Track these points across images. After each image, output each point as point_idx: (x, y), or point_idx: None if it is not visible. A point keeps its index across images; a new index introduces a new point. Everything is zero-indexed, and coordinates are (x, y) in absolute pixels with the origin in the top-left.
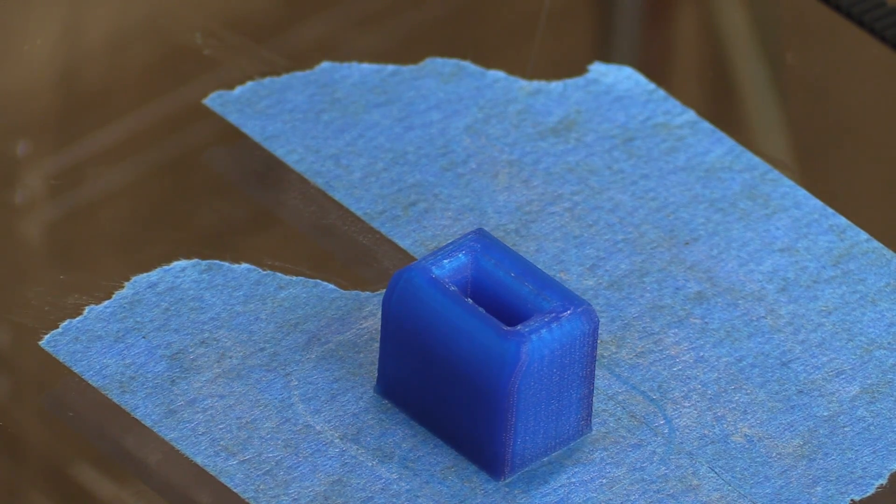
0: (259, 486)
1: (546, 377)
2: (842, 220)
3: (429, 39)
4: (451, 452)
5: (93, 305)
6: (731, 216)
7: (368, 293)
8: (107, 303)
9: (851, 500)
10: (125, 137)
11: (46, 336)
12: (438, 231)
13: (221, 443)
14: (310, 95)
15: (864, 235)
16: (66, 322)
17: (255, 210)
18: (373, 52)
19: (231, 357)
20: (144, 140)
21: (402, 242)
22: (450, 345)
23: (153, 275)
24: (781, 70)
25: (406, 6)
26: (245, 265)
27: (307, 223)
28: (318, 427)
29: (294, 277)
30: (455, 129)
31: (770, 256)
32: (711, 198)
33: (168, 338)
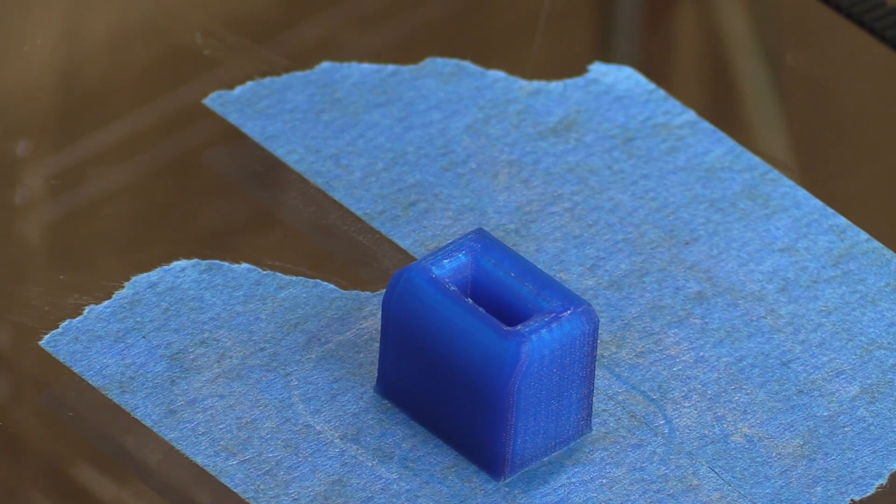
0: (259, 486)
1: (546, 377)
2: (842, 220)
3: (429, 39)
4: (451, 452)
5: (93, 305)
6: (731, 216)
7: (368, 293)
8: (107, 303)
9: (851, 500)
10: (125, 137)
11: (46, 336)
12: (438, 231)
13: (221, 443)
14: (310, 95)
15: (864, 235)
16: (66, 322)
17: (255, 210)
18: (373, 52)
19: (231, 357)
20: (144, 140)
21: (402, 242)
22: (450, 345)
23: (153, 275)
24: (781, 70)
25: (406, 6)
26: (245, 265)
27: (307, 223)
28: (318, 427)
29: (294, 277)
30: (455, 129)
31: (770, 256)
32: (711, 198)
33: (168, 338)
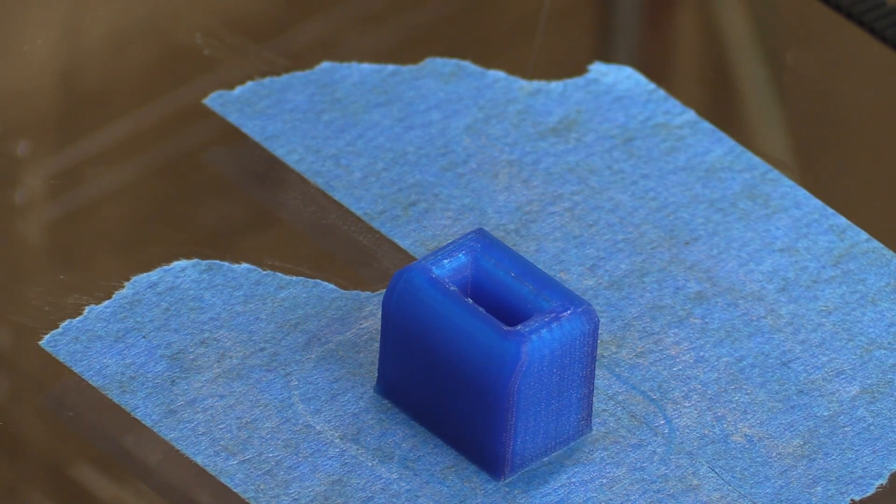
0: (259, 486)
1: (546, 377)
2: (842, 220)
3: (429, 39)
4: (451, 452)
5: (93, 305)
6: (731, 216)
7: (368, 293)
8: (107, 303)
9: (851, 500)
10: (125, 137)
11: (46, 336)
12: (438, 231)
13: (221, 443)
14: (310, 95)
15: (864, 235)
16: (66, 322)
17: (255, 210)
18: (373, 52)
19: (231, 357)
20: (144, 140)
21: (402, 242)
22: (450, 345)
23: (153, 275)
24: (781, 70)
25: (406, 6)
26: (245, 265)
27: (307, 223)
28: (318, 427)
29: (294, 277)
30: (455, 129)
31: (770, 256)
32: (711, 198)
33: (168, 338)
